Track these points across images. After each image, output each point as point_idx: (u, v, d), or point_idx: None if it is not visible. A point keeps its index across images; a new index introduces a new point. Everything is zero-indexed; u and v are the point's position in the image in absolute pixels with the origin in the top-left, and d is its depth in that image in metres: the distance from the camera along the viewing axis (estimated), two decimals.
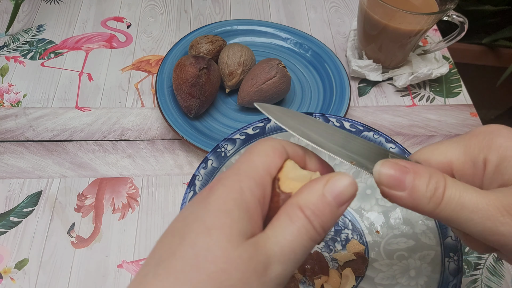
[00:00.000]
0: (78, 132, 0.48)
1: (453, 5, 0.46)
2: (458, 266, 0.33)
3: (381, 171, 0.21)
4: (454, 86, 0.56)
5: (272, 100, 0.48)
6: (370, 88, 0.55)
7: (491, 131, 0.22)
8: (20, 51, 0.56)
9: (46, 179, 0.45)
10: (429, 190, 0.20)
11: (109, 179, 0.45)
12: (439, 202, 0.20)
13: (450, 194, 0.20)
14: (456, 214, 0.20)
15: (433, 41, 0.61)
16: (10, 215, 0.42)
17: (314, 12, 0.64)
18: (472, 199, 0.20)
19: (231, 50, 0.50)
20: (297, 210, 0.20)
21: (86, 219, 0.42)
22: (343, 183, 0.20)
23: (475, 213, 0.19)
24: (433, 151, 0.23)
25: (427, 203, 0.20)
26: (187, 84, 0.45)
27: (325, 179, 0.20)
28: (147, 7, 0.63)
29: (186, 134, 0.45)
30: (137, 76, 0.55)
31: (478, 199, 0.19)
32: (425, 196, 0.20)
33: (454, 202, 0.20)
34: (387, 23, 0.48)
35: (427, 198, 0.20)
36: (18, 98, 0.51)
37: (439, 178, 0.20)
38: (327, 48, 0.55)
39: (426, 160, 0.23)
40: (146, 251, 0.40)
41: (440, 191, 0.20)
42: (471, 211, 0.19)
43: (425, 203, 0.20)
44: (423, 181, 0.20)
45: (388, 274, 0.36)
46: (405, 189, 0.20)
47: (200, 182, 0.36)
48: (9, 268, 0.39)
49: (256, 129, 0.39)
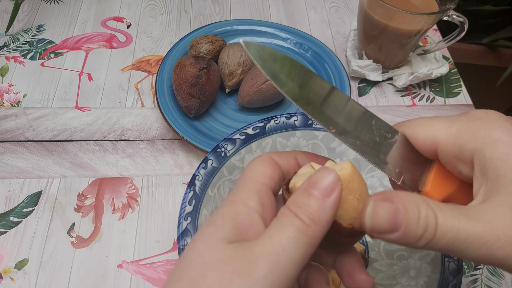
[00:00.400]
0: (78, 132, 0.48)
1: (453, 5, 0.46)
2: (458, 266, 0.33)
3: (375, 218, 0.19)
4: (454, 86, 0.56)
5: (272, 100, 0.48)
6: (370, 88, 0.55)
7: (489, 120, 0.20)
8: (20, 51, 0.56)
9: (46, 179, 0.45)
10: (420, 227, 0.18)
11: (109, 179, 0.45)
12: (431, 237, 0.18)
13: (442, 228, 0.18)
14: (451, 246, 0.18)
15: (433, 41, 0.61)
16: (10, 215, 0.42)
17: (314, 12, 0.64)
18: (465, 227, 0.18)
19: (231, 50, 0.50)
20: (284, 208, 0.20)
21: (86, 219, 0.42)
22: (322, 174, 0.20)
23: (470, 243, 0.18)
24: (423, 125, 0.22)
25: (418, 240, 0.18)
26: (187, 84, 0.45)
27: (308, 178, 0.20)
28: (147, 7, 0.63)
29: (186, 134, 0.45)
30: (137, 76, 0.55)
31: (470, 227, 0.18)
32: (417, 234, 0.18)
33: (448, 236, 0.18)
34: (387, 23, 0.48)
35: (419, 235, 0.18)
36: (18, 98, 0.51)
37: (428, 211, 0.18)
38: (327, 48, 0.55)
39: (413, 134, 0.22)
40: (146, 251, 0.40)
41: (432, 227, 0.18)
42: (464, 241, 0.18)
43: (416, 240, 0.18)
44: (413, 218, 0.18)
45: (388, 274, 0.36)
46: (398, 230, 0.18)
47: (200, 182, 0.36)
48: (9, 268, 0.39)
49: (256, 129, 0.39)
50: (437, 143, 0.21)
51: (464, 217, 0.18)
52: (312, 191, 0.20)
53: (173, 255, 0.40)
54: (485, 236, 0.18)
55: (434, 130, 0.21)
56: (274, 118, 0.39)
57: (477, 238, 0.18)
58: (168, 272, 0.39)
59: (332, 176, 0.20)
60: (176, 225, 0.42)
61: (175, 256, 0.40)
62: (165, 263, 0.40)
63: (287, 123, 0.40)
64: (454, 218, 0.18)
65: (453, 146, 0.21)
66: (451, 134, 0.21)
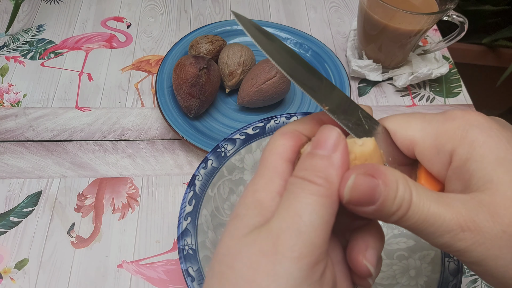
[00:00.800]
0: (78, 132, 0.48)
1: (453, 5, 0.46)
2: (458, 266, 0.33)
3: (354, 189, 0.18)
4: (454, 86, 0.56)
5: (272, 100, 0.48)
6: (370, 88, 0.55)
7: (468, 120, 0.20)
8: (20, 51, 0.56)
9: (46, 179, 0.45)
10: (396, 204, 0.18)
11: (109, 179, 0.45)
12: (403, 215, 0.18)
13: (414, 208, 0.18)
14: (418, 226, 0.18)
15: (433, 41, 0.61)
16: (10, 215, 0.42)
17: (314, 12, 0.64)
18: (436, 211, 0.18)
19: (231, 50, 0.50)
20: (291, 178, 0.19)
21: (86, 219, 0.42)
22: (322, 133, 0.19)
23: (436, 228, 0.18)
24: (402, 124, 0.21)
25: (390, 216, 0.18)
26: (187, 84, 0.45)
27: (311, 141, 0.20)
28: (147, 7, 0.63)
29: (186, 134, 0.45)
30: (137, 76, 0.55)
31: (442, 212, 0.18)
32: (390, 210, 0.18)
33: (417, 216, 0.18)
34: (387, 23, 0.48)
35: (392, 212, 0.18)
36: (18, 98, 0.51)
37: (406, 187, 0.18)
38: (327, 48, 0.55)
39: (392, 130, 0.22)
40: (146, 251, 0.40)
41: (406, 205, 0.18)
42: (432, 225, 0.18)
43: (388, 215, 0.18)
44: (391, 195, 0.18)
45: (388, 274, 0.36)
46: (375, 203, 0.18)
47: (200, 182, 0.36)
48: (9, 268, 0.39)
49: (256, 129, 0.39)
50: (414, 143, 0.21)
51: (437, 202, 0.18)
52: (316, 152, 0.19)
53: (173, 255, 0.40)
54: (451, 225, 0.18)
55: (411, 130, 0.21)
56: (274, 118, 0.39)
57: (444, 225, 0.18)
58: (168, 272, 0.39)
59: (334, 133, 0.19)
60: (176, 225, 0.42)
61: (175, 256, 0.40)
62: (165, 263, 0.40)
63: (287, 123, 0.40)
64: (427, 200, 0.18)
65: (430, 147, 0.20)
66: (428, 135, 0.21)
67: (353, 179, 0.18)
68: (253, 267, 0.17)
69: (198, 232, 0.35)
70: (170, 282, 0.39)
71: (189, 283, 0.32)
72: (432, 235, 0.18)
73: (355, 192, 0.18)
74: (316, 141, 0.19)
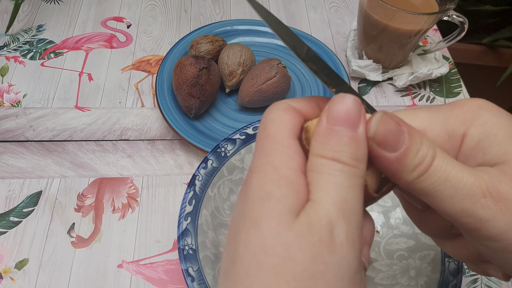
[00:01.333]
0: (78, 132, 0.48)
1: (453, 5, 0.46)
2: (458, 266, 0.33)
3: (381, 124, 0.18)
4: (454, 86, 0.56)
5: (272, 100, 0.48)
6: (370, 88, 0.55)
7: (477, 105, 0.20)
8: (20, 51, 0.56)
9: (46, 179, 0.45)
10: (418, 157, 0.18)
11: (109, 179, 0.45)
12: (424, 172, 0.18)
13: (437, 165, 0.18)
14: (437, 187, 0.18)
15: (433, 41, 0.61)
16: (10, 215, 0.42)
17: (314, 12, 0.64)
18: (458, 174, 0.17)
19: (231, 50, 0.50)
20: (319, 159, 0.18)
21: (86, 219, 0.42)
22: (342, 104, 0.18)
23: (458, 190, 0.17)
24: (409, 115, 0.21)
25: (411, 171, 0.18)
26: (187, 84, 0.45)
27: (325, 110, 0.18)
28: (147, 7, 0.63)
29: (186, 134, 0.45)
30: (137, 76, 0.55)
31: (464, 176, 0.17)
32: (412, 163, 0.18)
33: (439, 175, 0.17)
34: (387, 23, 0.48)
35: (414, 165, 0.18)
36: (18, 98, 0.51)
37: (430, 145, 0.18)
38: (327, 48, 0.55)
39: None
40: (146, 251, 0.40)
41: (429, 160, 0.18)
42: (453, 187, 0.17)
43: (409, 170, 0.18)
44: (415, 145, 0.18)
45: (388, 274, 0.36)
46: (397, 150, 0.18)
47: (200, 182, 0.36)
48: (9, 268, 0.39)
49: (256, 129, 0.39)
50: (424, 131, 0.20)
51: (460, 166, 0.18)
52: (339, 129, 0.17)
53: (173, 255, 0.40)
54: (473, 188, 0.17)
55: (419, 120, 0.21)
56: None
57: (466, 188, 0.17)
58: (168, 272, 0.39)
59: (352, 101, 0.18)
60: (176, 225, 0.42)
61: (175, 256, 0.40)
62: (165, 263, 0.40)
63: None
64: (450, 162, 0.18)
65: (440, 133, 0.20)
66: (437, 122, 0.20)
67: (380, 115, 0.18)
68: (317, 257, 0.16)
69: (198, 232, 0.35)
70: (170, 282, 0.39)
71: (189, 283, 0.32)
72: (451, 199, 0.18)
73: (381, 126, 0.18)
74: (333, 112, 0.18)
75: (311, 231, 0.16)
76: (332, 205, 0.17)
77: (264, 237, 0.16)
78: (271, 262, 0.16)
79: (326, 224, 0.16)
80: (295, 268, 0.16)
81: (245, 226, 0.17)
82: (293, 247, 0.16)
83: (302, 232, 0.16)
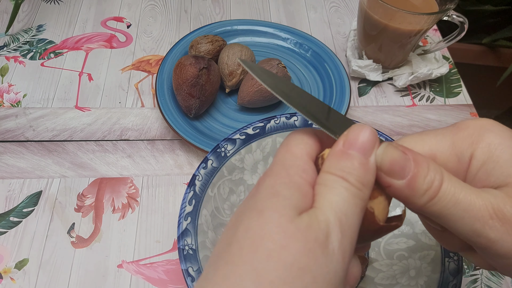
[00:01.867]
0: (78, 132, 0.48)
1: (453, 5, 0.46)
2: (458, 266, 0.33)
3: (385, 154, 0.19)
4: (454, 86, 0.56)
5: (272, 100, 0.48)
6: (370, 88, 0.55)
7: (481, 126, 0.21)
8: (20, 51, 0.56)
9: (46, 179, 0.45)
10: (426, 182, 0.19)
11: (109, 179, 0.45)
12: (434, 196, 0.19)
13: (446, 189, 0.19)
14: (448, 210, 0.19)
15: (433, 41, 0.61)
16: (10, 215, 0.42)
17: (314, 12, 0.64)
18: (467, 197, 0.19)
19: (231, 50, 0.50)
20: (328, 175, 0.19)
21: (86, 219, 0.42)
22: (358, 133, 0.19)
23: (467, 212, 0.18)
24: (417, 141, 0.22)
25: (421, 196, 0.19)
26: (187, 84, 0.45)
27: (343, 137, 0.20)
28: (147, 7, 0.63)
29: (186, 134, 0.45)
30: (137, 76, 0.55)
31: (472, 198, 0.19)
32: (421, 188, 0.19)
33: (448, 198, 0.19)
34: (387, 23, 0.48)
35: (423, 190, 0.19)
36: (18, 98, 0.51)
37: (437, 169, 0.19)
38: (327, 48, 0.55)
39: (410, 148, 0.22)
40: (146, 251, 0.40)
41: (437, 184, 0.19)
42: (463, 209, 0.18)
43: (419, 195, 0.19)
44: (422, 171, 0.19)
45: (388, 274, 0.36)
46: (405, 177, 0.19)
47: (200, 182, 0.36)
48: (9, 268, 0.39)
49: (256, 129, 0.39)
50: (434, 156, 0.21)
51: (468, 188, 0.19)
52: (353, 153, 0.19)
53: (173, 255, 0.40)
54: (481, 210, 0.18)
55: (427, 145, 0.21)
56: (274, 118, 0.39)
57: (474, 210, 0.18)
58: (168, 272, 0.39)
59: (369, 132, 0.19)
60: (176, 225, 0.42)
61: (175, 256, 0.40)
62: (165, 263, 0.40)
63: (287, 123, 0.40)
64: (458, 185, 0.19)
65: (450, 156, 0.21)
66: (445, 146, 0.21)
67: (385, 146, 0.19)
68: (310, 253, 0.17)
69: (198, 232, 0.35)
70: (170, 282, 0.39)
71: (189, 283, 0.32)
72: (462, 221, 0.19)
73: (386, 156, 0.19)
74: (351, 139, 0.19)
75: (310, 229, 0.17)
76: (332, 214, 0.18)
77: (265, 223, 0.17)
78: (267, 247, 0.17)
79: (324, 227, 0.17)
80: (288, 257, 0.16)
81: (249, 215, 0.18)
82: (290, 237, 0.17)
83: (301, 227, 0.17)
